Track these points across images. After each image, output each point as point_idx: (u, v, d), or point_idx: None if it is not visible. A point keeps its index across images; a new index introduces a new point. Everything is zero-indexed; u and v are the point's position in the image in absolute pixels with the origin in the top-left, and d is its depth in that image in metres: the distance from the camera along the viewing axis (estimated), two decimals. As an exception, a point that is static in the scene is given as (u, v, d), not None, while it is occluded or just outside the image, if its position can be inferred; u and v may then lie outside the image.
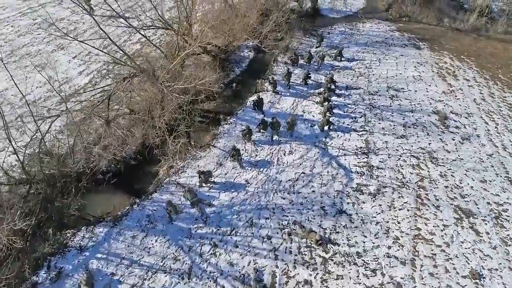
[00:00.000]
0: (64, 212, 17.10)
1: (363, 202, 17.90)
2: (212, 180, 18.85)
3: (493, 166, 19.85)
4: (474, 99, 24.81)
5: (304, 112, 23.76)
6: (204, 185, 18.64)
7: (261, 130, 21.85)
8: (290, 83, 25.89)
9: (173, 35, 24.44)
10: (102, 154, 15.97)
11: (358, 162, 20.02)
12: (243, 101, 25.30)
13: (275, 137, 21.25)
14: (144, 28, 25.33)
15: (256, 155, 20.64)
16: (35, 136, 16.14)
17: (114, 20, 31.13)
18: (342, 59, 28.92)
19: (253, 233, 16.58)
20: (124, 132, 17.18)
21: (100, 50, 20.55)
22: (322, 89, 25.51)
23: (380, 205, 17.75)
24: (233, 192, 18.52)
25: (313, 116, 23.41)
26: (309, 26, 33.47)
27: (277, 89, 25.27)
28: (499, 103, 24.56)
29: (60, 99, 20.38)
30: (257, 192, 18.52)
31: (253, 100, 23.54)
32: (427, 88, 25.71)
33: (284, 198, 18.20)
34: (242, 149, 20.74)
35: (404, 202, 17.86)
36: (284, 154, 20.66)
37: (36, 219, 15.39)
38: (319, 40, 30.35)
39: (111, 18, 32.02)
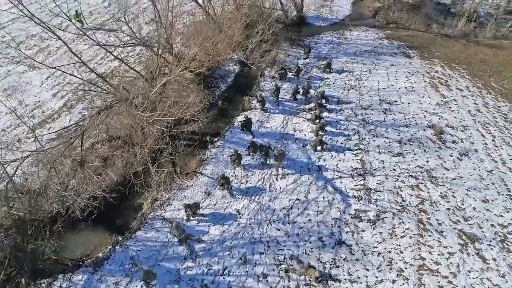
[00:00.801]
0: (39, 257, 15.68)
1: (363, 231, 17.03)
2: (200, 213, 17.70)
3: (494, 184, 19.27)
4: (469, 110, 24.34)
5: (295, 131, 22.85)
6: (192, 218, 17.48)
7: (251, 153, 20.84)
8: (279, 99, 24.98)
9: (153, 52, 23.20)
10: (75, 198, 14.63)
11: (354, 185, 19.17)
12: (230, 120, 24.26)
13: (268, 161, 20.18)
14: (120, 45, 24.11)
15: (247, 181, 19.60)
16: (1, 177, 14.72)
17: (87, 38, 29.51)
18: (331, 71, 28.18)
19: (247, 272, 15.51)
20: (101, 169, 15.83)
21: (70, 74, 19.17)
22: (312, 104, 24.69)
23: (380, 233, 16.91)
24: (224, 224, 17.41)
25: (304, 135, 22.52)
26: (296, 36, 32.68)
27: (265, 106, 24.28)
28: (494, 113, 24.15)
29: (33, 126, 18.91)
30: (249, 224, 17.46)
31: (241, 121, 22.52)
32: (420, 100, 25.14)
33: (279, 229, 17.18)
34: (232, 175, 19.68)
35: (406, 229, 17.06)
36: (277, 179, 19.67)
37: (5, 271, 13.95)
38: (307, 51, 29.57)
39: (85, 36, 30.44)
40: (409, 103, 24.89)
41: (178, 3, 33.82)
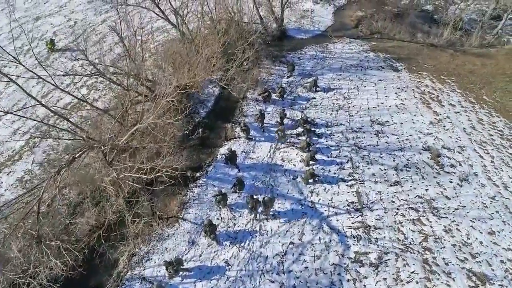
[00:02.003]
0: None
1: (365, 277, 15.77)
2: (184, 267, 16.03)
3: (498, 212, 18.40)
4: (464, 128, 23.57)
5: (283, 161, 21.49)
6: (175, 275, 15.79)
7: (237, 190, 19.34)
8: (264, 125, 23.58)
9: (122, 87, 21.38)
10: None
11: (352, 223, 17.92)
12: (213, 150, 22.73)
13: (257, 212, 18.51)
14: (85, 75, 22.38)
15: (235, 224, 18.10)
16: None
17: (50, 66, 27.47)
18: (317, 89, 27.01)
19: (240, 337, 13.94)
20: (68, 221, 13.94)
21: (24, 117, 17.22)
22: (300, 129, 23.43)
23: (384, 279, 15.69)
24: (211, 279, 15.85)
25: (294, 165, 21.19)
26: (278, 52, 31.40)
27: (250, 135, 22.84)
28: (490, 130, 23.46)
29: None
30: (240, 277, 15.96)
31: (225, 154, 21.01)
32: (413, 119, 24.24)
33: (273, 281, 15.76)
34: (217, 218, 18.13)
35: (411, 272, 15.90)
36: (267, 220, 18.20)
37: None
38: (290, 69, 28.31)
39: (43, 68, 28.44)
40: (402, 123, 23.93)
41: (149, 21, 32.27)
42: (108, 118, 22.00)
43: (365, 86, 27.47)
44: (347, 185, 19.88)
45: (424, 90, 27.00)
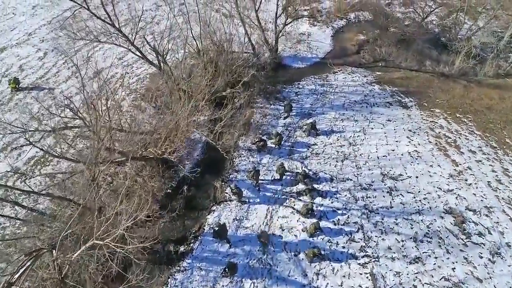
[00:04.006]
0: None
1: None
2: None
3: (541, 298, 15.81)
4: (488, 182, 21.11)
5: (282, 230, 18.85)
6: None
7: (229, 275, 16.60)
8: (260, 182, 20.93)
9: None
10: None
11: (368, 320, 15.20)
12: (200, 215, 20.07)
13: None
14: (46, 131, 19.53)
15: (227, 324, 15.26)
16: None
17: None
18: (318, 132, 24.48)
19: None
20: None
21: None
22: (301, 186, 20.87)
23: None
24: None
25: (295, 235, 18.56)
26: (272, 86, 28.78)
27: (243, 196, 20.14)
28: (518, 184, 20.99)
29: None
30: None
31: (213, 227, 18.27)
32: (429, 171, 21.73)
33: None
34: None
35: None
36: (266, 316, 15.43)
37: None
38: (287, 109, 25.75)
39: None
40: (417, 177, 21.41)
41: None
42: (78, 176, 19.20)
43: (372, 128, 24.95)
44: (359, 263, 17.24)
45: (439, 132, 24.54)
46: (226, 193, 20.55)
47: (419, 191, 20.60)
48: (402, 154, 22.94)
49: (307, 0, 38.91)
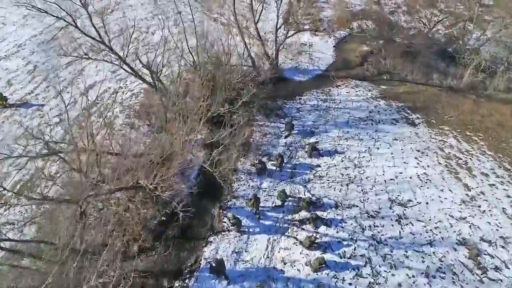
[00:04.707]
0: None
1: None
2: None
3: None
4: (503, 208, 20.09)
5: (285, 264, 17.78)
6: None
7: (227, 318, 15.49)
8: (260, 209, 19.86)
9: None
10: None
11: None
12: (196, 245, 18.97)
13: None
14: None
15: None
16: None
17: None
18: (321, 153, 23.48)
19: None
20: None
21: None
22: (303, 213, 19.83)
23: None
24: None
25: (298, 270, 17.49)
26: (272, 102, 27.70)
27: (242, 226, 19.05)
28: (535, 210, 19.93)
29: None
30: None
31: (210, 263, 17.18)
32: (440, 196, 20.70)
33: None
34: None
35: None
36: None
37: None
38: (289, 128, 24.69)
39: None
40: (427, 203, 20.36)
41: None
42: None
43: (378, 148, 23.92)
44: (367, 303, 16.12)
45: (449, 153, 23.51)
46: (224, 222, 19.46)
47: (429, 219, 19.53)
48: (410, 177, 21.90)
49: (308, 9, 37.74)
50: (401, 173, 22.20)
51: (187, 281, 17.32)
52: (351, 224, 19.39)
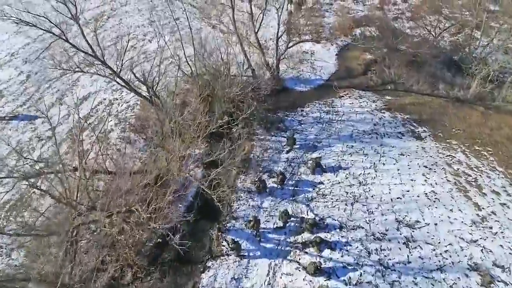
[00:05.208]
0: None
1: None
2: None
3: None
4: (516, 230, 19.22)
5: (287, 292, 16.88)
6: None
7: None
8: (260, 230, 19.08)
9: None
10: None
11: None
12: (194, 271, 18.19)
13: None
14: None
15: None
16: None
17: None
18: (324, 169, 22.71)
19: None
20: None
21: None
22: (306, 234, 19.05)
23: None
24: None
25: (301, 298, 16.57)
26: (273, 115, 26.95)
27: (242, 250, 18.26)
28: (549, 232, 19.12)
29: None
30: None
31: (208, 292, 16.39)
32: (449, 216, 19.91)
33: None
34: None
35: None
36: None
37: None
38: (291, 143, 23.94)
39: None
40: (436, 224, 19.57)
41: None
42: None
43: (383, 164, 23.14)
44: (375, 338, 15.31)
45: (458, 169, 22.72)
46: (223, 245, 18.63)
47: (439, 242, 18.73)
48: (418, 196, 21.11)
49: (310, 16, 37.00)
50: (408, 191, 21.41)
51: (184, 312, 16.50)
52: (357, 247, 18.59)
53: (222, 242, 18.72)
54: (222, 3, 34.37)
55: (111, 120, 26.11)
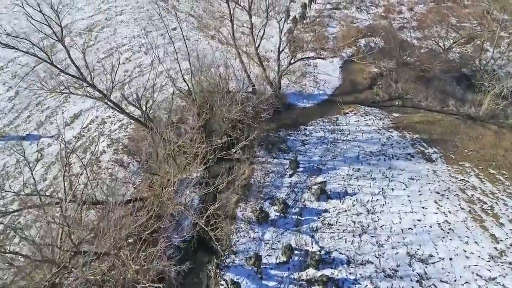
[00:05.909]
0: None
1: None
2: None
3: None
4: (538, 266, 18.00)
5: (291, 338, 15.64)
6: None
7: None
8: (262, 266, 17.87)
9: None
10: None
11: None
12: (190, 312, 16.85)
13: None
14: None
15: None
16: None
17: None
18: (330, 195, 21.56)
19: None
20: None
21: None
22: (311, 271, 17.92)
23: None
24: None
25: None
26: (275, 135, 25.78)
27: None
28: None
29: None
30: None
31: None
32: (465, 250, 18.72)
33: None
34: None
35: None
36: None
37: None
38: (293, 167, 22.78)
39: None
40: (451, 258, 18.39)
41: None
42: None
43: (392, 189, 21.98)
44: None
45: (472, 195, 21.54)
46: (222, 285, 17.40)
47: (455, 280, 17.56)
48: (430, 226, 19.93)
49: (313, 26, 35.90)
50: (419, 220, 20.23)
51: None
52: (366, 285, 17.44)
53: (221, 281, 17.51)
54: (221, 16, 33.12)
55: (103, 141, 24.95)
